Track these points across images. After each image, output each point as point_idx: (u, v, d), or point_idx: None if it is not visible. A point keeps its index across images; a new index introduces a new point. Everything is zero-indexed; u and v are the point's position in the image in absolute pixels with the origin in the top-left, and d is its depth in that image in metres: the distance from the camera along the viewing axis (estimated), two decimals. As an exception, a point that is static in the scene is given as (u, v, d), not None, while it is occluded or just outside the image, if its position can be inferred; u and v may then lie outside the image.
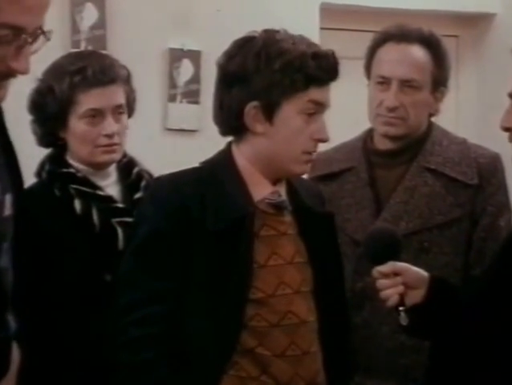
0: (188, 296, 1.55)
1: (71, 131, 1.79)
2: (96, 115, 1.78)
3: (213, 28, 3.02)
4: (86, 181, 1.79)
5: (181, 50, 3.03)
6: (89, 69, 1.76)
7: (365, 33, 2.11)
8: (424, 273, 1.64)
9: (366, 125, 2.08)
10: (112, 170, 1.85)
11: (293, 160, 1.60)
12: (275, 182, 1.64)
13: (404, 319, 1.59)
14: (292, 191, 1.67)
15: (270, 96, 1.55)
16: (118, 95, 1.80)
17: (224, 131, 1.63)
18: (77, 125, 1.78)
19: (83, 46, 2.87)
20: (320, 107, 1.59)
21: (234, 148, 1.63)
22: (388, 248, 1.65)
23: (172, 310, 1.54)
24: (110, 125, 1.78)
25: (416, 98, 1.96)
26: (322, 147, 2.21)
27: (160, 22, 3.04)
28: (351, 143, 2.11)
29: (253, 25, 1.65)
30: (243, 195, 1.59)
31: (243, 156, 1.61)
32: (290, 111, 1.57)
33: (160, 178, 1.73)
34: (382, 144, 2.02)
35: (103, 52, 1.96)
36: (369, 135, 2.07)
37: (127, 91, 1.82)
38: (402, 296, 1.61)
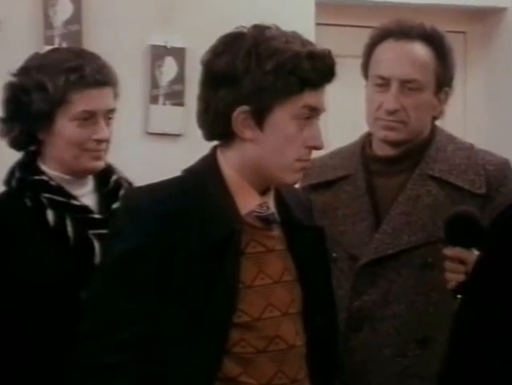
0: (166, 320, 1.55)
1: (57, 133, 1.80)
2: (89, 117, 1.80)
3: (199, 23, 3.04)
4: (59, 190, 1.80)
5: (164, 47, 3.06)
6: (87, 68, 1.78)
7: (364, 29, 2.13)
8: None
9: (364, 129, 2.09)
10: (89, 178, 1.87)
11: (285, 169, 1.60)
12: (264, 192, 1.64)
13: (454, 306, 1.68)
14: (281, 202, 1.68)
15: (260, 100, 1.55)
16: (110, 99, 1.83)
17: (209, 136, 1.64)
18: (66, 126, 1.79)
19: (56, 43, 2.89)
20: (315, 111, 1.59)
21: (220, 155, 1.63)
22: (464, 233, 1.76)
23: (149, 335, 1.54)
24: (103, 130, 1.81)
25: (418, 100, 1.97)
26: (316, 154, 2.25)
27: (140, 16, 3.06)
28: (347, 149, 2.12)
29: (244, 20, 1.65)
30: (230, 209, 1.59)
31: (229, 164, 1.61)
32: (282, 117, 1.57)
33: (137, 189, 1.73)
34: (381, 150, 2.03)
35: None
36: (367, 140, 2.08)
37: (115, 95, 1.85)
38: (463, 284, 1.71)
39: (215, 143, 1.67)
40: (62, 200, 1.79)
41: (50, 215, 1.77)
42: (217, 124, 1.60)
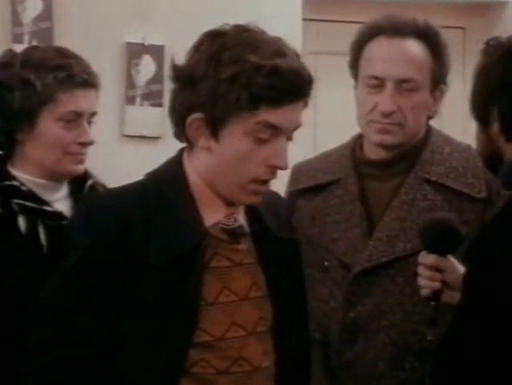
0: (122, 336, 1.56)
1: (39, 133, 1.83)
2: (74, 119, 1.84)
3: (179, 19, 3.07)
4: (31, 195, 1.83)
5: (141, 44, 3.10)
6: (75, 67, 1.82)
7: (354, 25, 2.16)
8: None
9: (354, 130, 2.11)
10: (63, 183, 1.90)
11: (237, 188, 1.59)
12: (231, 202, 1.63)
13: (429, 313, 1.79)
14: (253, 211, 1.67)
15: (214, 110, 1.54)
16: (95, 102, 1.87)
17: (176, 137, 1.65)
18: (51, 127, 1.83)
19: (26, 41, 2.92)
20: (276, 130, 1.56)
21: (186, 159, 1.63)
22: (442, 241, 1.80)
23: (102, 352, 1.56)
24: (87, 133, 1.85)
25: (415, 100, 2.00)
26: (305, 157, 2.28)
27: (116, 12, 3.09)
28: (336, 152, 2.14)
29: (228, 16, 1.66)
30: (194, 220, 1.58)
31: (194, 170, 1.61)
32: (236, 131, 1.55)
33: (94, 194, 1.75)
34: (374, 153, 2.06)
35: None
36: (358, 142, 2.11)
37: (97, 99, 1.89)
38: (438, 292, 1.79)
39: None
40: (34, 207, 1.82)
41: (21, 222, 1.80)
42: (178, 127, 1.61)
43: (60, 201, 1.88)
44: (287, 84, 1.53)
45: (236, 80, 1.52)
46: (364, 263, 1.99)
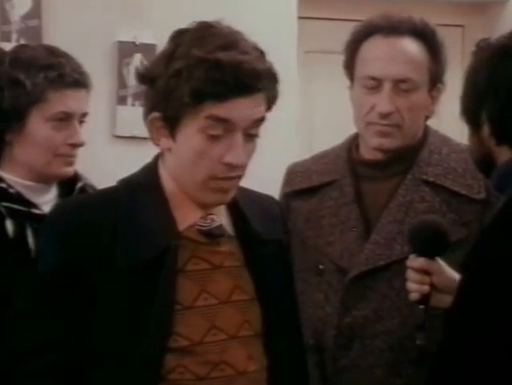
0: (95, 343, 1.56)
1: (28, 134, 1.83)
2: (64, 119, 1.84)
3: (171, 17, 3.05)
4: (19, 198, 1.83)
5: (133, 43, 3.09)
6: (66, 66, 1.82)
7: (351, 23, 2.17)
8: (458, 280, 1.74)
9: (350, 129, 2.11)
10: (52, 185, 1.90)
11: (200, 187, 1.58)
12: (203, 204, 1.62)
13: (418, 317, 1.81)
14: (237, 213, 1.66)
15: (167, 108, 1.55)
16: (86, 102, 1.87)
17: (151, 140, 1.65)
18: (40, 127, 1.83)
19: (14, 39, 2.92)
20: (229, 124, 1.54)
21: (160, 162, 1.64)
22: (430, 244, 1.81)
23: (76, 360, 1.56)
24: (78, 134, 1.85)
25: (413, 100, 2.00)
26: (301, 157, 2.28)
27: (107, 10, 3.09)
28: (331, 153, 2.14)
29: (221, 15, 1.64)
30: (165, 223, 1.58)
31: (167, 172, 1.61)
32: (189, 129, 1.55)
33: (63, 201, 1.75)
34: (370, 154, 2.06)
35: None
36: (354, 142, 2.11)
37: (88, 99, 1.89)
38: (427, 295, 1.80)
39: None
40: (22, 209, 1.82)
41: (9, 225, 1.80)
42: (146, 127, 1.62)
43: (49, 204, 1.87)
44: (228, 77, 1.51)
45: (180, 76, 1.52)
46: (361, 267, 1.99)
